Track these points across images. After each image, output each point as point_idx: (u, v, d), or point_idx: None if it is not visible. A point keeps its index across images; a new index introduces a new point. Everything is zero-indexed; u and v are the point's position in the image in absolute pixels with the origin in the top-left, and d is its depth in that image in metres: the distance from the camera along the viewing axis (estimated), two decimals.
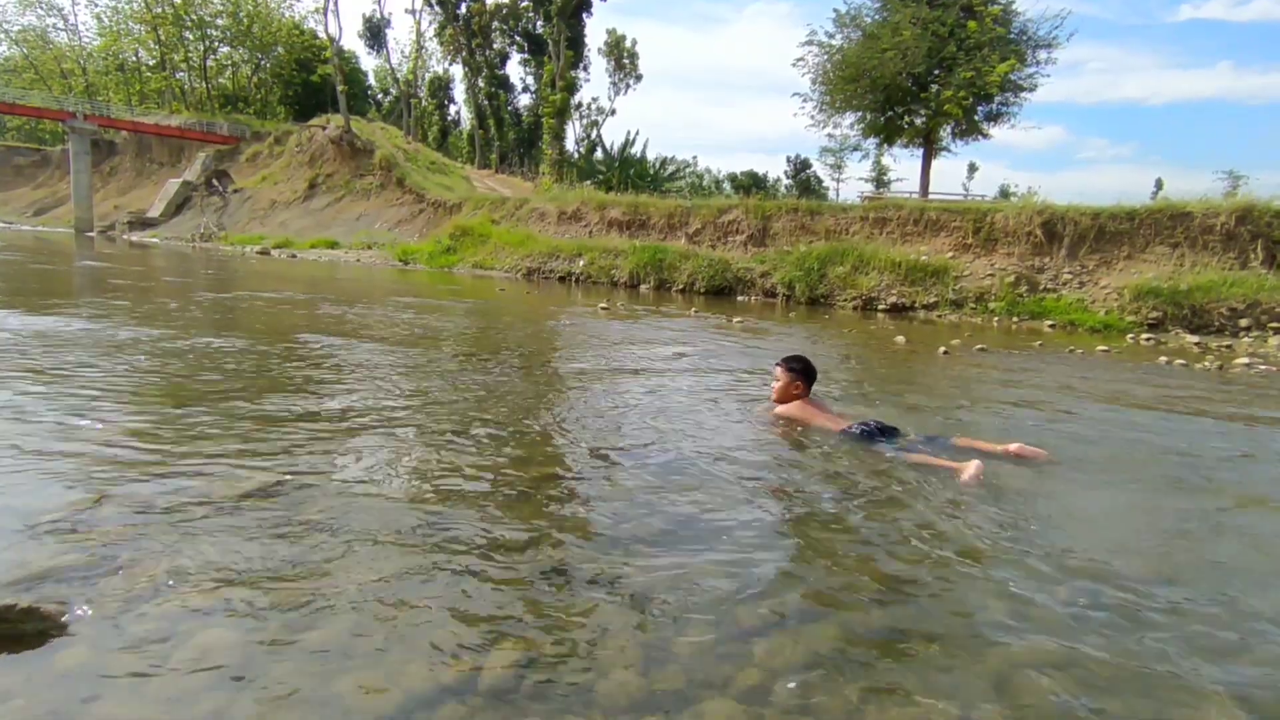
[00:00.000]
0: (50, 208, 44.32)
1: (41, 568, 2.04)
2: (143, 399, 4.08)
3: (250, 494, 2.67)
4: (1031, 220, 13.23)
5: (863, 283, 13.62)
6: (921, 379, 6.59)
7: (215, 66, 47.91)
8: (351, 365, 5.39)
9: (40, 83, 50.19)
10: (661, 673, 1.74)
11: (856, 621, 2.04)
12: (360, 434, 3.58)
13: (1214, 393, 6.25)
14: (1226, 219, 11.91)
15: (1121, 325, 11.19)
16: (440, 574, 2.17)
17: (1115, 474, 3.59)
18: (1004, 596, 2.21)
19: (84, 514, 2.41)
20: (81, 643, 1.74)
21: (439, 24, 43.61)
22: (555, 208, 21.45)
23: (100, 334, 6.06)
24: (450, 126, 52.02)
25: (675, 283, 15.71)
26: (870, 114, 19.66)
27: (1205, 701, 1.73)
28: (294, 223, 31.46)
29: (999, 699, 1.71)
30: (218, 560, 2.16)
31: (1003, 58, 17.26)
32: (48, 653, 1.70)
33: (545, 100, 36.20)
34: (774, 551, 2.48)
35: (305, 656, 1.73)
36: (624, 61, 47.75)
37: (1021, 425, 4.61)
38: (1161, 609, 2.17)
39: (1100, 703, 1.70)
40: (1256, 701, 1.73)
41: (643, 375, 5.73)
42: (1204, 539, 2.79)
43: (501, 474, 3.11)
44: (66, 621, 1.79)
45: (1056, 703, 1.70)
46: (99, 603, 1.90)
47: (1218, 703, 1.72)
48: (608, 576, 2.22)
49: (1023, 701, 1.71)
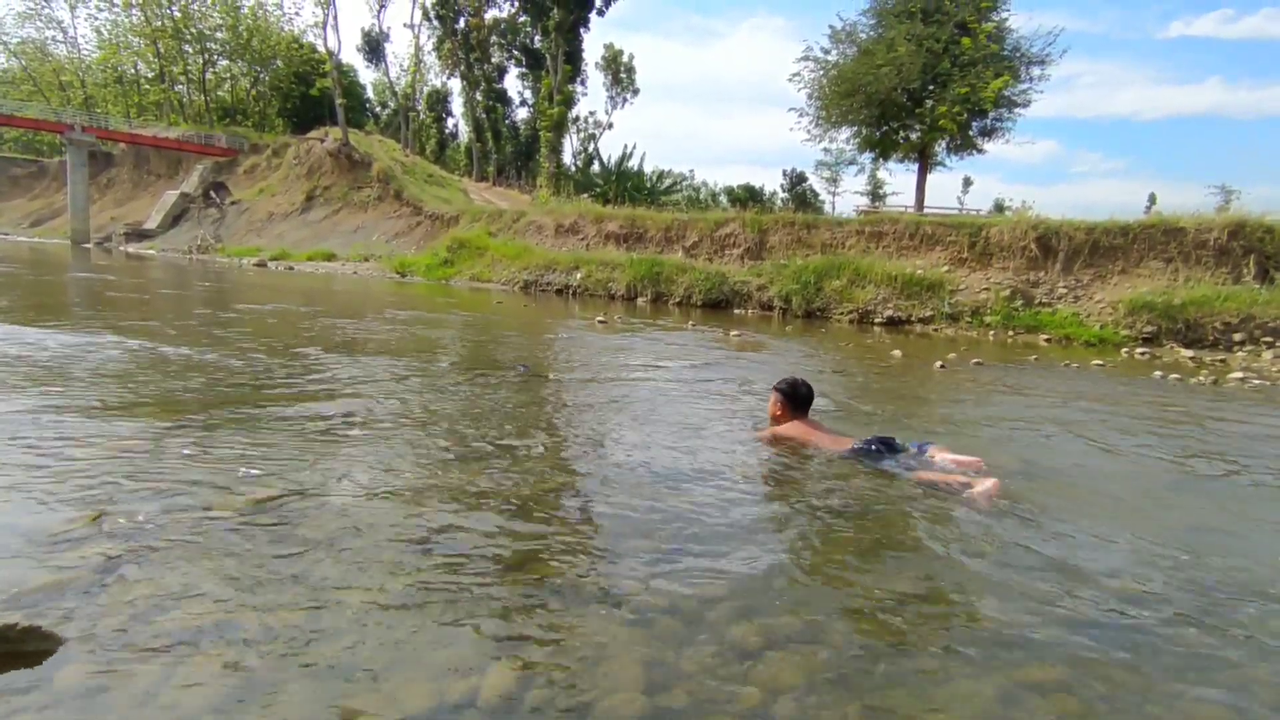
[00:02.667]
0: (47, 219, 44.29)
1: (41, 585, 2.04)
2: (140, 413, 4.07)
3: (249, 510, 2.67)
4: (1026, 234, 13.32)
5: (859, 296, 13.69)
6: (919, 394, 6.61)
7: (214, 79, 48.06)
8: (349, 379, 5.38)
9: (38, 94, 50.32)
10: (663, 691, 1.74)
11: (858, 639, 2.04)
12: (359, 449, 3.57)
13: (1210, 406, 6.28)
14: (1219, 234, 12.02)
15: (1116, 339, 11.25)
16: (440, 591, 2.16)
17: (1122, 491, 3.60)
18: (1007, 614, 2.21)
19: (83, 531, 2.41)
20: (82, 661, 1.73)
21: (437, 38, 43.88)
22: (552, 220, 21.54)
23: (95, 348, 6.05)
24: (448, 139, 52.21)
25: (672, 295, 15.76)
26: (866, 128, 19.81)
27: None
28: (291, 235, 31.50)
29: (1001, 717, 1.71)
30: (218, 577, 2.16)
31: (997, 74, 17.44)
32: (48, 671, 1.69)
33: (543, 113, 36.36)
34: (775, 569, 2.48)
35: (306, 675, 1.72)
36: (621, 75, 48.15)
37: (1022, 441, 4.62)
38: (1168, 627, 2.18)
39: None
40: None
41: (641, 389, 5.74)
42: (1214, 556, 2.79)
43: (500, 489, 3.11)
44: (66, 640, 1.79)
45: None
46: (99, 621, 1.89)
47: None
48: (608, 594, 2.22)
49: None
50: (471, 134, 47.22)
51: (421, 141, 47.09)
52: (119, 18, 45.98)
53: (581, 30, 37.95)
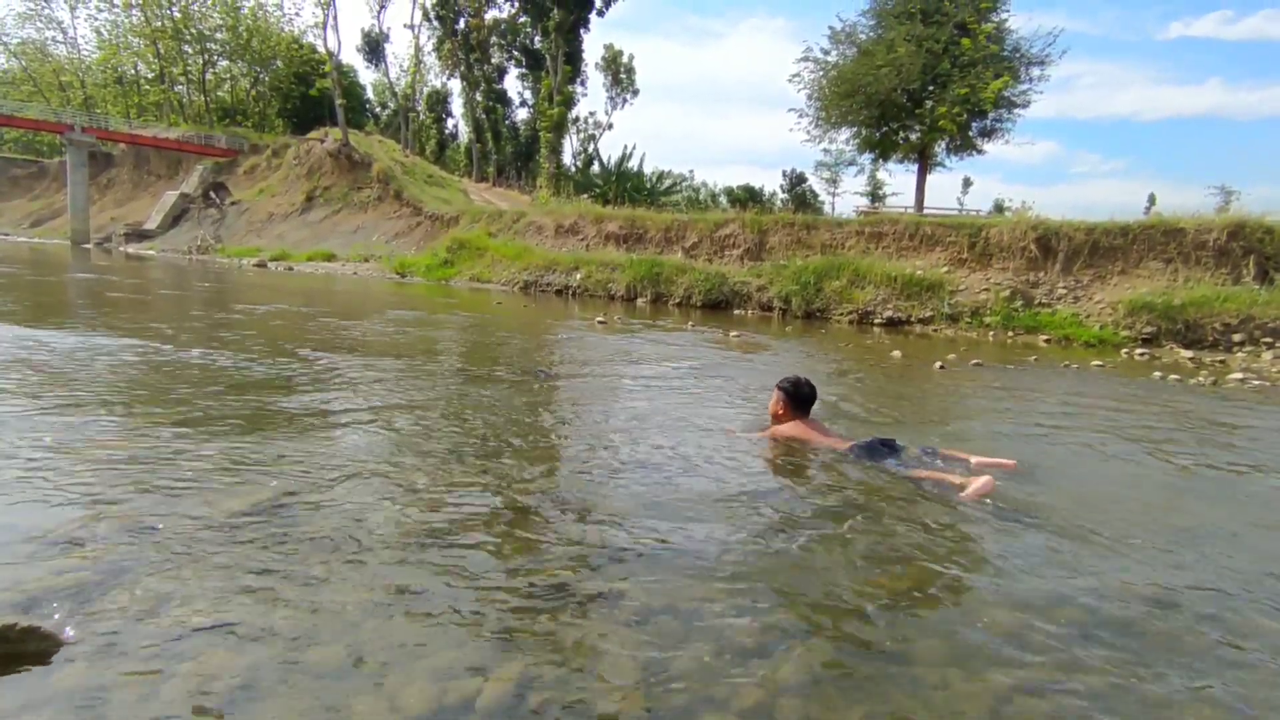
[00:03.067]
0: (47, 219, 44.32)
1: (41, 586, 2.04)
2: (140, 414, 4.08)
3: (249, 510, 2.67)
4: (1026, 235, 13.32)
5: (859, 297, 13.69)
6: (919, 395, 6.61)
7: (214, 80, 48.07)
8: (349, 380, 5.39)
9: (38, 95, 50.33)
10: (662, 692, 1.74)
11: (857, 640, 2.04)
12: (359, 450, 3.58)
13: (1210, 407, 6.29)
14: (1219, 234, 12.02)
15: (1116, 340, 11.25)
16: (438, 593, 2.17)
17: (1120, 491, 3.60)
18: (1006, 615, 2.21)
19: (82, 531, 2.41)
20: (82, 662, 1.73)
21: (437, 39, 43.89)
22: (552, 221, 21.54)
23: (94, 349, 6.06)
24: (448, 140, 52.20)
25: (672, 296, 15.76)
26: (865, 129, 19.83)
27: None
28: (291, 235, 31.51)
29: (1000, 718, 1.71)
30: (217, 578, 2.16)
31: (996, 74, 17.45)
32: (48, 672, 1.69)
33: (543, 114, 36.37)
34: (774, 569, 2.48)
35: (305, 677, 1.73)
36: (621, 76, 48.18)
37: (1020, 441, 4.62)
38: (1166, 626, 2.18)
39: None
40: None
41: (641, 390, 5.75)
42: (1214, 557, 2.80)
43: (499, 491, 3.11)
44: (66, 641, 1.79)
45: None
46: (99, 622, 1.89)
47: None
48: (607, 595, 2.22)
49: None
50: (471, 134, 47.21)
51: (421, 142, 47.09)
52: (119, 18, 46.07)
53: (581, 31, 37.97)
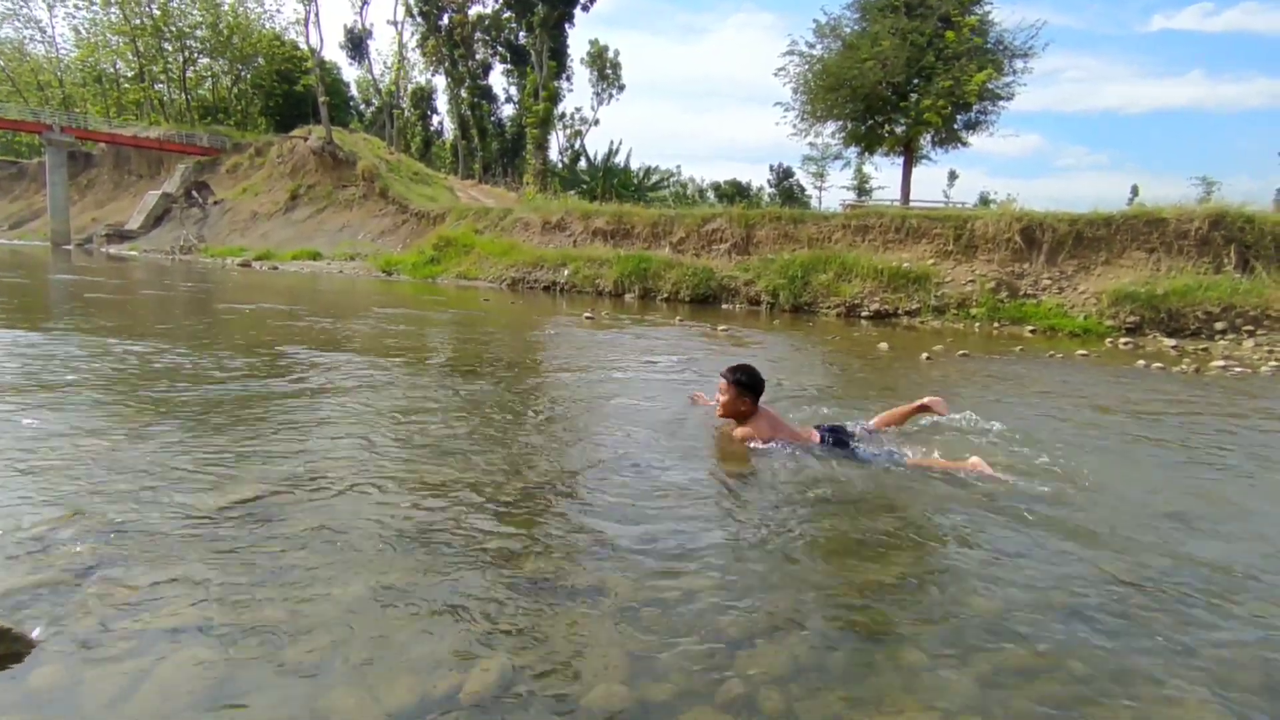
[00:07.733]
0: (26, 220, 43.67)
1: (13, 587, 2.00)
2: (119, 412, 4.02)
3: (228, 508, 2.63)
4: (1011, 227, 13.39)
5: (846, 290, 13.72)
6: (905, 384, 6.63)
7: (195, 78, 47.50)
8: (333, 377, 5.34)
9: (16, 95, 49.53)
10: (647, 683, 1.73)
11: (840, 629, 2.04)
12: (340, 446, 3.54)
13: (1193, 394, 6.35)
14: (1200, 224, 12.13)
15: (1100, 329, 11.35)
16: (422, 587, 2.14)
17: (1105, 478, 3.62)
18: (990, 601, 2.22)
19: (57, 531, 2.37)
20: (55, 663, 1.70)
21: (421, 35, 43.63)
22: (539, 218, 21.43)
23: (73, 348, 5.97)
24: (433, 137, 51.95)
25: (660, 291, 15.74)
26: (851, 123, 19.87)
27: (1190, 708, 1.75)
28: (276, 234, 31.22)
29: (983, 705, 1.71)
30: (195, 576, 2.13)
31: (980, 67, 17.53)
32: (20, 674, 1.66)
33: (528, 110, 36.24)
34: (759, 560, 2.48)
35: (286, 674, 1.70)
36: (607, 72, 48.14)
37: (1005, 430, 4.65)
38: (1151, 613, 2.20)
39: (1084, 710, 1.71)
40: (1241, 708, 1.75)
41: (628, 385, 5.73)
42: (1197, 542, 2.82)
43: (484, 486, 3.09)
44: (39, 642, 1.76)
45: (1040, 710, 1.71)
46: (73, 622, 1.86)
47: (1203, 709, 1.74)
48: (592, 588, 2.21)
49: (1006, 707, 1.71)
50: (457, 131, 47.00)
51: (406, 139, 46.81)
52: (97, 16, 45.31)
53: (566, 26, 37.85)
